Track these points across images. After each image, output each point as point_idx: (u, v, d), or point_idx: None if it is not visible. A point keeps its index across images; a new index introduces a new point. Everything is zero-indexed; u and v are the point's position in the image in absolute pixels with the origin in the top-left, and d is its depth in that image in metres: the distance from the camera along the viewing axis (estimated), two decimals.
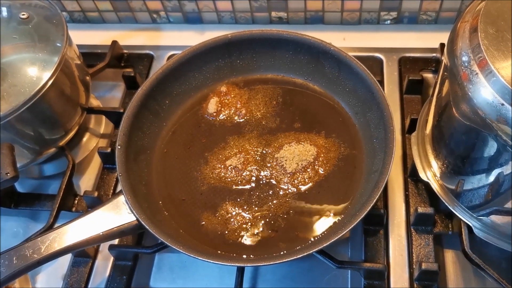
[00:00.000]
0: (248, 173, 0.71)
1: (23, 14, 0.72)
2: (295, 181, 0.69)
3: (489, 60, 0.50)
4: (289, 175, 0.70)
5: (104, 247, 0.73)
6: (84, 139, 0.85)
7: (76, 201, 0.77)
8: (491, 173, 0.57)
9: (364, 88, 0.71)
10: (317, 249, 0.58)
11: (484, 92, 0.50)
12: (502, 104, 0.49)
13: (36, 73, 0.69)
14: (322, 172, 0.70)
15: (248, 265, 0.61)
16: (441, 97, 0.62)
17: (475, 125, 0.53)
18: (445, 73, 0.58)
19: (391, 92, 0.83)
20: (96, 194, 0.74)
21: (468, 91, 0.52)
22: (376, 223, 0.70)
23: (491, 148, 0.54)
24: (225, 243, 0.65)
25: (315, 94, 0.78)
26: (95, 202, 0.74)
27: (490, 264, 0.63)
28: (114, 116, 0.83)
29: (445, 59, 0.58)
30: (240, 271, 0.65)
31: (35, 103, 0.67)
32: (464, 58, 0.53)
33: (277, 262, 0.58)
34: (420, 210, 0.67)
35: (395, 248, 0.69)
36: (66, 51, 0.71)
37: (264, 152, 0.72)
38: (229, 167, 0.71)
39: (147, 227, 0.60)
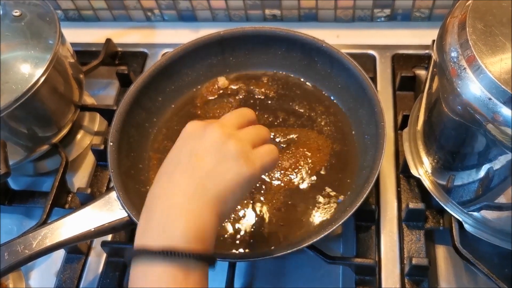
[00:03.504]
0: None
1: (15, 12, 0.73)
2: (287, 177, 0.70)
3: (477, 55, 0.50)
4: (281, 171, 0.70)
5: (97, 243, 0.73)
6: (78, 136, 0.86)
7: (69, 198, 0.77)
8: (481, 168, 0.57)
9: (356, 85, 0.71)
10: (307, 244, 0.58)
11: (472, 87, 0.51)
12: (490, 99, 0.49)
13: (28, 70, 0.69)
14: (314, 168, 0.70)
15: (239, 260, 0.61)
16: (431, 93, 0.62)
17: (464, 121, 0.53)
18: (435, 69, 0.59)
19: (384, 89, 0.83)
20: (89, 191, 0.74)
21: (457, 87, 0.52)
22: (368, 219, 0.70)
23: (480, 143, 0.54)
24: (216, 239, 0.65)
25: (307, 90, 0.79)
26: (88, 199, 0.74)
27: (482, 260, 0.63)
28: (108, 114, 0.83)
29: (434, 55, 0.58)
30: (232, 267, 0.65)
31: (27, 100, 0.67)
32: (453, 54, 0.53)
33: (268, 257, 0.59)
34: (411, 206, 0.67)
35: (387, 243, 0.69)
36: (59, 49, 0.72)
37: None
38: None
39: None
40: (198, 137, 0.48)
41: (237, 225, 0.66)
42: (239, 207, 0.68)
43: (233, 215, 0.67)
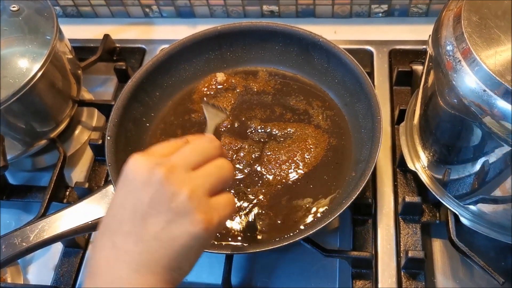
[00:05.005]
0: (237, 163, 0.71)
1: (13, 7, 0.73)
2: (284, 171, 0.70)
3: (472, 48, 0.50)
4: (278, 165, 0.70)
5: (94, 237, 0.73)
6: (76, 132, 0.86)
7: (67, 193, 0.78)
8: (476, 161, 0.57)
9: (352, 79, 0.72)
10: (303, 236, 0.58)
11: (467, 80, 0.51)
12: (484, 91, 0.49)
13: (26, 65, 0.69)
14: (311, 162, 0.70)
15: (235, 252, 0.61)
16: (427, 87, 0.62)
17: (459, 113, 0.54)
18: (431, 63, 0.59)
19: (381, 84, 0.84)
20: (87, 185, 0.75)
21: (452, 80, 0.52)
22: (364, 213, 0.70)
23: (476, 136, 0.54)
24: None
25: (304, 85, 0.79)
26: (86, 193, 0.74)
27: (478, 253, 0.63)
28: (106, 109, 0.84)
29: (430, 49, 0.58)
30: (229, 259, 0.65)
31: (25, 94, 0.68)
32: (448, 47, 0.54)
33: (265, 249, 0.59)
34: (407, 199, 0.68)
35: (383, 237, 0.69)
36: (56, 44, 0.72)
37: (254, 142, 0.73)
38: None
39: None
40: (142, 185, 0.39)
41: (234, 219, 0.66)
42: (235, 201, 0.68)
43: None
